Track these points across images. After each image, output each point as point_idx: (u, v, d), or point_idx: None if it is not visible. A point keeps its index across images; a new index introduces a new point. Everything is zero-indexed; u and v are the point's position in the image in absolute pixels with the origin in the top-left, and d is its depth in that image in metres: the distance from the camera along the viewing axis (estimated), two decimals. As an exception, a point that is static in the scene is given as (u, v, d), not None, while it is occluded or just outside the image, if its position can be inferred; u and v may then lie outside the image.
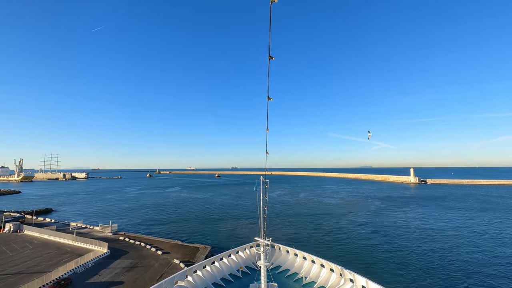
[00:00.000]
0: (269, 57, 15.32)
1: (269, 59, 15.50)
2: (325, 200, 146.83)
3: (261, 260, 26.76)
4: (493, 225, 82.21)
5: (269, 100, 19.39)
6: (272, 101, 19.73)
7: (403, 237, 70.41)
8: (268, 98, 19.32)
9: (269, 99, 19.32)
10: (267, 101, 19.60)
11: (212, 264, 34.70)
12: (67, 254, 56.08)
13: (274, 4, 12.40)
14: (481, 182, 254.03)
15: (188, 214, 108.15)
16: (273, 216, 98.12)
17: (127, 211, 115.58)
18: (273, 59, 15.46)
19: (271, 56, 15.25)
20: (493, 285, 42.89)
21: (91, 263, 50.44)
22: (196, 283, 30.47)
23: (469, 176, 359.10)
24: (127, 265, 49.91)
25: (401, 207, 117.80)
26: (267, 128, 22.84)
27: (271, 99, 19.34)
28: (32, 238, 68.97)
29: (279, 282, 31.22)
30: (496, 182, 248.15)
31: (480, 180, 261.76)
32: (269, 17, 13.66)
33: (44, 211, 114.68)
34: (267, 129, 22.88)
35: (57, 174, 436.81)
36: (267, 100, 19.48)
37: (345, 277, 30.24)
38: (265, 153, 26.84)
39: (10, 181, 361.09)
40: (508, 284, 42.85)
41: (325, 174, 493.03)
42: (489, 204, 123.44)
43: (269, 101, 19.63)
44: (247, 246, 40.21)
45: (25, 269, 48.29)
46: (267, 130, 22.94)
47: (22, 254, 56.91)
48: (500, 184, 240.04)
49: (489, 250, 59.27)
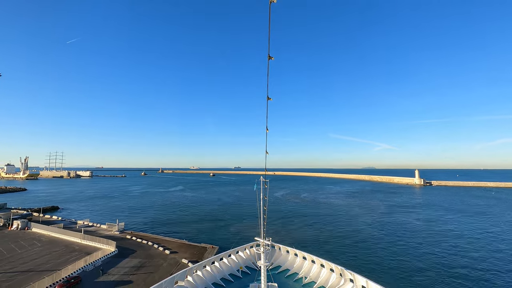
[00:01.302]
0: (269, 57, 15.39)
1: (269, 59, 15.56)
2: (326, 200, 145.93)
3: (261, 260, 26.77)
4: (497, 227, 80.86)
5: (269, 100, 19.53)
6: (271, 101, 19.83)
7: (406, 238, 69.47)
8: (267, 98, 19.46)
9: (268, 99, 19.47)
10: (267, 101, 19.73)
11: (212, 264, 34.74)
12: (75, 252, 56.19)
13: (273, 5, 12.48)
14: (488, 184, 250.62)
15: (192, 213, 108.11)
16: (273, 216, 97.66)
17: (133, 210, 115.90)
18: (273, 59, 15.50)
19: (270, 56, 15.32)
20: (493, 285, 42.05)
21: (99, 261, 50.42)
22: (196, 283, 30.47)
23: (474, 178, 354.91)
24: (135, 264, 49.80)
25: (405, 209, 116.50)
26: (267, 128, 22.90)
27: (271, 99, 19.47)
28: (40, 236, 69.33)
29: (279, 282, 31.21)
30: (503, 184, 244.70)
31: (486, 182, 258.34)
32: (269, 17, 13.70)
33: (51, 209, 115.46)
34: (266, 129, 22.95)
35: (62, 172, 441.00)
36: (267, 100, 19.59)
37: (345, 277, 30.17)
38: (265, 153, 27.01)
39: (16, 178, 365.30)
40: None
41: (327, 175, 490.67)
42: (496, 207, 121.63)
43: (268, 101, 19.76)
44: (247, 246, 40.22)
45: (34, 267, 48.41)
46: (267, 130, 23.00)
47: (31, 251, 57.14)
48: (506, 187, 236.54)
49: (491, 250, 58.23)
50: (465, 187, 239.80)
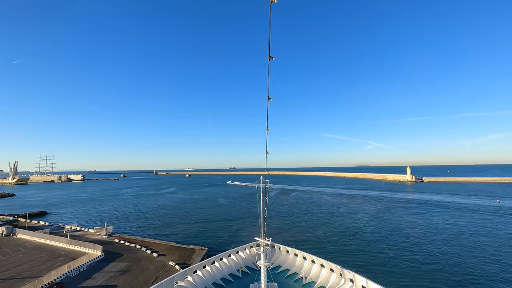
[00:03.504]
0: (269, 57, 15.07)
1: (269, 59, 15.24)
2: (324, 199, 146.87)
3: (261, 260, 26.77)
4: (488, 223, 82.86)
5: (269, 100, 18.99)
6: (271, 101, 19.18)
7: (402, 235, 70.46)
8: (268, 98, 18.96)
9: (269, 99, 18.96)
10: (267, 101, 19.18)
11: (212, 264, 34.68)
12: (61, 258, 55.13)
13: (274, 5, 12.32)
14: (477, 179, 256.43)
15: (184, 215, 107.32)
16: (273, 216, 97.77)
17: (123, 213, 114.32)
18: (273, 59, 15.19)
19: (271, 56, 15.00)
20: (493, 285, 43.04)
21: (84, 266, 49.59)
22: (196, 283, 30.47)
23: (465, 174, 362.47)
24: (121, 268, 49.16)
25: (399, 206, 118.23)
26: (267, 128, 22.61)
27: (271, 99, 18.95)
28: (25, 242, 67.76)
29: (279, 282, 31.27)
30: (491, 179, 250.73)
31: (475, 178, 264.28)
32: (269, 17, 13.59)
33: (39, 214, 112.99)
34: (267, 129, 22.66)
35: (52, 176, 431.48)
36: (267, 100, 19.07)
37: (345, 277, 30.25)
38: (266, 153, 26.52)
39: (5, 183, 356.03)
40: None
41: (323, 174, 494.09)
42: (484, 200, 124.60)
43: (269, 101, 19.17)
44: (247, 246, 40.23)
45: (17, 274, 47.30)
46: (267, 130, 22.72)
47: (14, 258, 55.80)
48: (495, 182, 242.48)
49: (488, 248, 59.60)
50: (455, 183, 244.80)
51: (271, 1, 11.73)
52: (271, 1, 11.71)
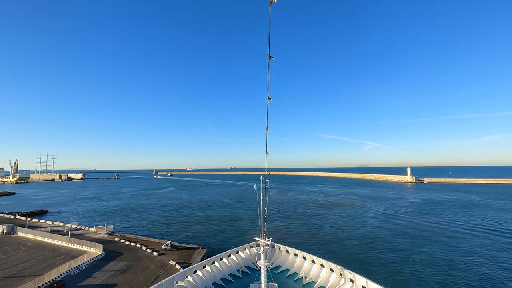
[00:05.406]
0: (269, 57, 15.04)
1: (269, 59, 15.20)
2: (324, 199, 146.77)
3: (261, 260, 26.80)
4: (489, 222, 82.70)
5: (269, 100, 18.94)
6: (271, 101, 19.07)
7: (402, 236, 70.37)
8: (268, 98, 18.91)
9: (269, 99, 18.92)
10: (267, 101, 19.11)
11: (212, 264, 34.71)
12: (61, 256, 55.24)
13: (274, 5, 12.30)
14: (478, 181, 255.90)
15: (185, 214, 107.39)
16: (273, 216, 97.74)
17: (123, 212, 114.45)
18: (273, 59, 15.16)
19: (271, 56, 14.96)
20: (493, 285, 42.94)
21: (85, 265, 49.66)
22: (196, 283, 30.51)
23: (467, 175, 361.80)
24: (121, 267, 49.20)
25: (400, 207, 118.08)
26: (267, 128, 22.62)
27: (271, 99, 18.88)
28: (26, 240, 67.90)
29: (279, 282, 31.29)
30: (492, 181, 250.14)
31: (476, 179, 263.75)
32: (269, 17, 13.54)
33: (39, 213, 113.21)
34: (267, 129, 22.68)
35: (53, 175, 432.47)
36: (267, 100, 19.01)
37: (345, 277, 30.27)
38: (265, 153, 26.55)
39: (5, 182, 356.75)
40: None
41: (323, 174, 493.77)
42: (485, 202, 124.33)
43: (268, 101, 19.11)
44: (247, 246, 40.26)
45: (17, 272, 47.40)
46: (267, 130, 22.73)
47: (15, 256, 55.91)
48: (496, 183, 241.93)
49: (490, 248, 59.48)
50: (455, 184, 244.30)
51: (271, 1, 11.73)
52: (271, 1, 11.71)
